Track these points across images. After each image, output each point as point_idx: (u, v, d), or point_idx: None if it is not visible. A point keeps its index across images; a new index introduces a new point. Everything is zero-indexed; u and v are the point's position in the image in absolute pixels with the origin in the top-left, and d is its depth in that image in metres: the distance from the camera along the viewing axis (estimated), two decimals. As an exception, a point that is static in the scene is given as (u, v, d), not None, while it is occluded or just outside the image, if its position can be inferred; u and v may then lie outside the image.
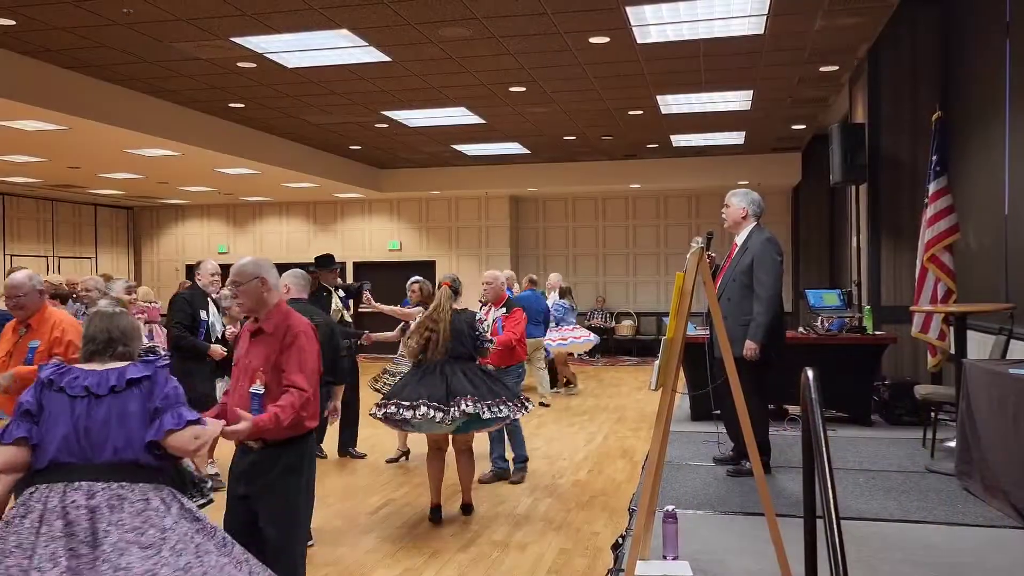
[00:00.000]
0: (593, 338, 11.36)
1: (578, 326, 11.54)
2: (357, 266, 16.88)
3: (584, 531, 5.00)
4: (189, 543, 2.40)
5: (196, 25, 6.84)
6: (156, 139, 9.82)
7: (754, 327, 4.92)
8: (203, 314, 5.84)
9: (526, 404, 5.23)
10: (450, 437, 5.31)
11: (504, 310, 6.35)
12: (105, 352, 2.63)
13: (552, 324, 10.50)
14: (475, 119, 10.80)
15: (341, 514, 5.40)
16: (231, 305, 5.14)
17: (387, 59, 7.90)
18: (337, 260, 7.78)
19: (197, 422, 2.58)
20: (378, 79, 8.69)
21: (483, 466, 6.19)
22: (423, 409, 4.76)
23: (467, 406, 4.82)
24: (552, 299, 11.30)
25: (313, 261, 7.54)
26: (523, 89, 9.22)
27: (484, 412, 4.87)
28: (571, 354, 11.67)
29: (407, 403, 4.84)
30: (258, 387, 3.15)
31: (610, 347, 15.49)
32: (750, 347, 4.88)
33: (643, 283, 16.46)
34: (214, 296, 6.05)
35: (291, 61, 7.95)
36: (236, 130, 11.04)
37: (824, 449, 2.40)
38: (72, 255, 16.70)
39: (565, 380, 11.13)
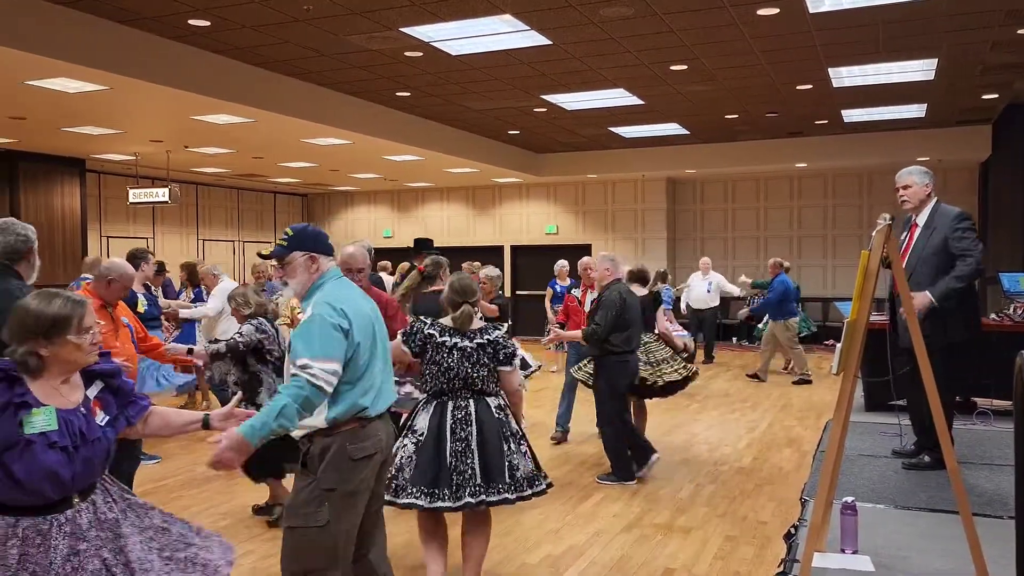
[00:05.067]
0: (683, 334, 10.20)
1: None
2: (515, 250, 17.17)
3: (750, 519, 4.87)
4: None
5: (369, 17, 7.16)
6: (329, 128, 10.41)
7: (942, 285, 4.50)
8: None
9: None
10: None
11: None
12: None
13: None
14: (634, 100, 10.66)
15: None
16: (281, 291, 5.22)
17: (547, 42, 7.95)
18: (495, 244, 8.04)
19: None
20: (538, 63, 8.77)
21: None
22: None
23: None
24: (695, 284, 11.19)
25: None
26: (684, 67, 9.00)
27: None
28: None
29: None
30: None
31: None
32: (923, 301, 4.45)
33: (808, 267, 15.69)
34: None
35: (455, 48, 8.17)
36: (402, 118, 11.50)
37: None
38: (254, 239, 18.05)
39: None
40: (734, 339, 15.35)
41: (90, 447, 2.23)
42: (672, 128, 12.85)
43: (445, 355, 3.59)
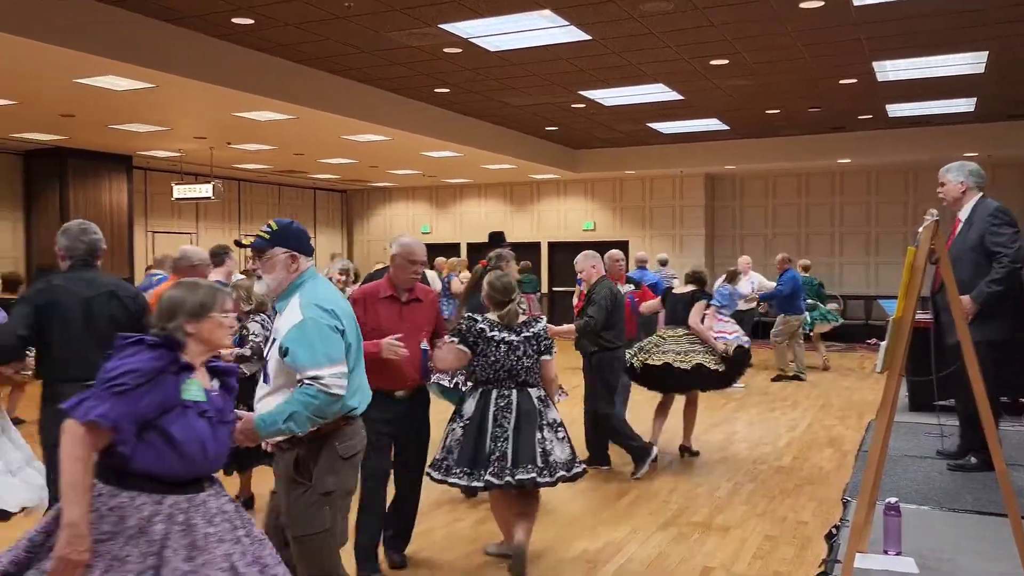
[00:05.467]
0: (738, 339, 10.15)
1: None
2: (552, 246, 17.15)
3: (790, 519, 4.81)
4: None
5: (408, 14, 7.20)
6: (369, 125, 10.50)
7: (980, 289, 4.41)
8: None
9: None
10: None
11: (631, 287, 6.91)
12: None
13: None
14: (673, 95, 10.58)
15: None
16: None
17: (587, 38, 7.92)
18: (532, 240, 8.03)
19: (68, 412, 2.10)
20: (576, 58, 8.74)
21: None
22: None
23: None
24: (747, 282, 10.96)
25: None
26: (725, 62, 8.90)
27: None
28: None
29: None
30: (425, 344, 3.85)
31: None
32: (967, 306, 4.34)
33: (850, 264, 15.44)
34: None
35: (494, 45, 8.17)
36: (441, 114, 11.55)
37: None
38: (294, 235, 18.27)
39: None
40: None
41: (225, 428, 2.33)
42: (712, 124, 12.72)
43: (493, 349, 3.86)
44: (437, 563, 4.13)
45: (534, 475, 3.72)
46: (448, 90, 10.31)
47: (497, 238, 7.79)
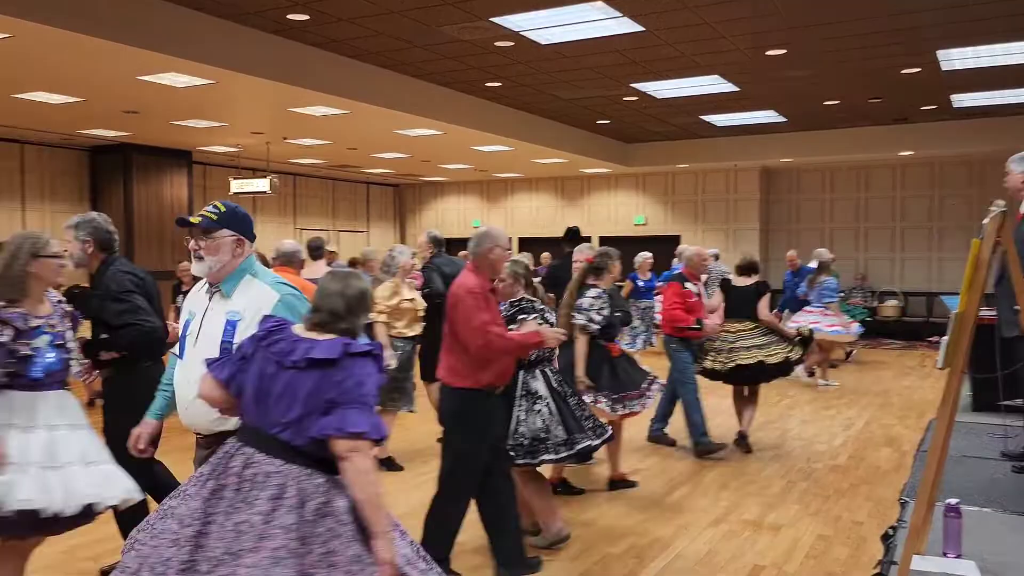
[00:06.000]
0: (846, 330, 9.64)
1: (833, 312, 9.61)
2: (603, 241, 17.05)
3: (845, 519, 4.71)
4: (292, 553, 2.06)
5: (460, 8, 7.22)
6: (420, 119, 10.57)
7: None
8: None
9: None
10: None
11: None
12: (324, 326, 2.31)
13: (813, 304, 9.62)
14: (728, 87, 10.40)
15: (588, 479, 5.52)
16: None
17: (640, 29, 7.83)
18: (583, 235, 7.98)
19: (362, 435, 2.14)
20: (629, 50, 8.65)
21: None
22: None
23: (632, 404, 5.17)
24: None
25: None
26: (783, 52, 8.71)
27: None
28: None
29: None
30: None
31: (872, 329, 14.28)
32: None
33: (911, 260, 14.99)
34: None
35: (546, 38, 8.14)
36: (492, 108, 11.57)
37: None
38: (349, 229, 18.53)
39: (809, 370, 9.63)
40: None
41: None
42: (768, 115, 12.48)
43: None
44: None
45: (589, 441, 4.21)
46: (499, 84, 10.32)
47: (574, 233, 7.78)
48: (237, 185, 13.30)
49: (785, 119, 12.75)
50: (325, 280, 2.39)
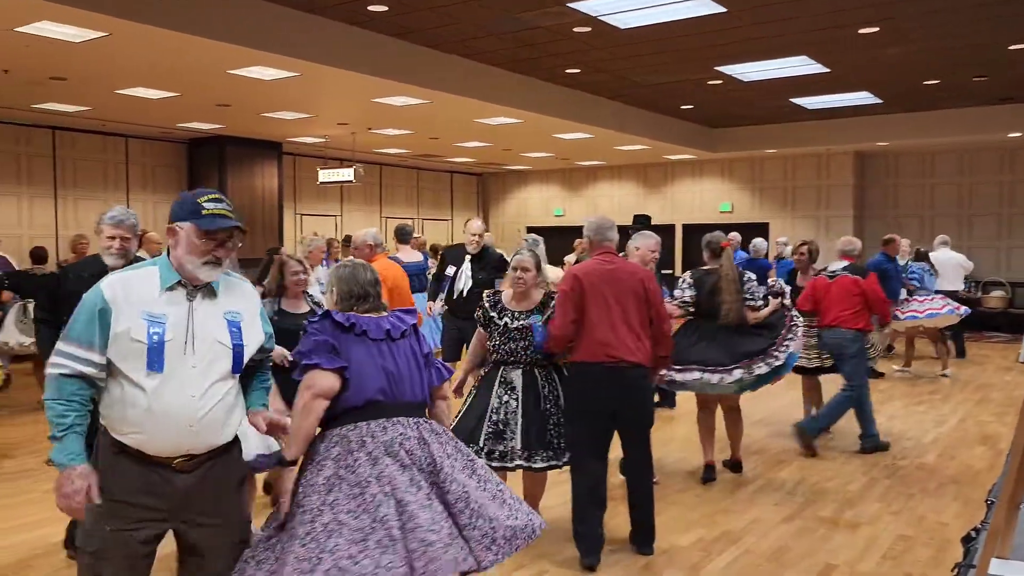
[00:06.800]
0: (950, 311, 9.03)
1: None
2: (687, 229, 16.72)
3: (929, 519, 4.49)
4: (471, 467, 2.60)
5: (536, -5, 7.19)
6: (500, 108, 10.59)
7: None
8: (451, 269, 6.44)
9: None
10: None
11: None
12: (369, 303, 2.70)
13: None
14: (818, 68, 10.00)
15: (661, 469, 5.44)
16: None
17: (722, 10, 7.61)
18: (666, 223, 7.90)
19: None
20: (712, 32, 8.42)
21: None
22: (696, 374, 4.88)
23: (759, 368, 4.84)
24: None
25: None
26: (875, 29, 8.31)
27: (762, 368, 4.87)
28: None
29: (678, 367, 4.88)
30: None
31: (975, 321, 13.48)
32: None
33: (1019, 248, 14.11)
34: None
35: (624, 22, 8.01)
36: (571, 95, 11.48)
37: None
38: (433, 217, 18.79)
39: (905, 361, 9.40)
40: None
41: None
42: (862, 97, 11.94)
43: None
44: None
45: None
46: (579, 70, 10.22)
47: (642, 221, 7.72)
48: (324, 175, 13.65)
49: (880, 100, 12.17)
50: (357, 272, 2.74)
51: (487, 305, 3.99)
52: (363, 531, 2.28)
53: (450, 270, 6.44)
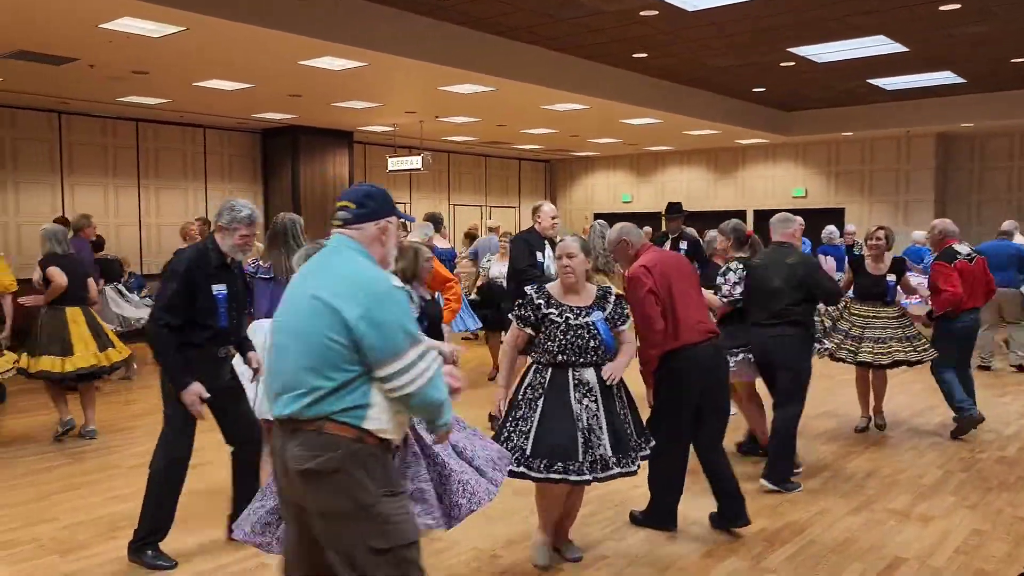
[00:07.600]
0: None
1: None
2: (758, 214, 16.36)
3: (1006, 514, 4.31)
4: None
5: (601, -21, 7.12)
6: (566, 94, 10.54)
7: None
8: (539, 255, 6.29)
9: None
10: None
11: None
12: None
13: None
14: (896, 47, 9.63)
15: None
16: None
17: (793, -11, 7.41)
18: (737, 208, 7.78)
19: None
20: (782, 14, 8.20)
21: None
22: None
23: None
24: None
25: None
26: (957, 6, 7.95)
27: None
28: None
29: None
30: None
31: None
32: None
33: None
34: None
35: (692, 4, 7.87)
36: (639, 80, 11.34)
37: None
38: (500, 204, 18.87)
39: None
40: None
41: None
42: (944, 77, 11.45)
43: None
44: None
45: None
46: (646, 55, 10.09)
47: (675, 209, 7.66)
48: (393, 163, 13.85)
49: (964, 80, 11.65)
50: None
51: (539, 301, 3.55)
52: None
53: (538, 256, 6.34)
